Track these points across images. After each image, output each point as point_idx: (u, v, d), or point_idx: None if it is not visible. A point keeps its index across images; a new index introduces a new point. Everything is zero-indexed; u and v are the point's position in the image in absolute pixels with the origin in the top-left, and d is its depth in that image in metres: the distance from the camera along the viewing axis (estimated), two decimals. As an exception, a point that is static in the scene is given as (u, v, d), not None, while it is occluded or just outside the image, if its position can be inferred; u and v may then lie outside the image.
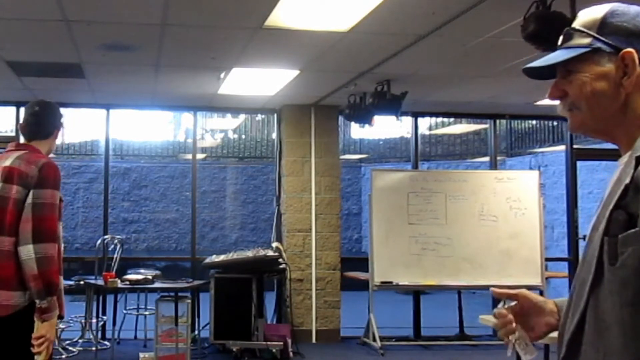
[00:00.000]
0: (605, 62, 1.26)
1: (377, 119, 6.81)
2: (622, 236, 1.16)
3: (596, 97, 1.27)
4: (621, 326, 1.14)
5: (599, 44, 1.27)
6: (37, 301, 2.74)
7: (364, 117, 6.80)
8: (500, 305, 1.49)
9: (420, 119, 8.53)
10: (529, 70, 1.39)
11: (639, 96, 1.26)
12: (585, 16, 1.32)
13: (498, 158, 8.77)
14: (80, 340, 6.96)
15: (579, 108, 1.31)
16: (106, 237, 7.51)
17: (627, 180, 1.19)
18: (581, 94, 1.29)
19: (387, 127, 15.69)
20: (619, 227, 1.17)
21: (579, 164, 8.41)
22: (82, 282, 7.01)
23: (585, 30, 1.30)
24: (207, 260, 6.91)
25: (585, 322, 1.22)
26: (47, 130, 3.08)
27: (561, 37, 1.36)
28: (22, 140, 3.08)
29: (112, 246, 7.43)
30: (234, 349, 6.54)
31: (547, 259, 7.75)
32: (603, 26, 1.28)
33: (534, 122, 12.12)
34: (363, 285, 7.49)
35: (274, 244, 7.38)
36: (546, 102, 7.15)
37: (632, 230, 1.15)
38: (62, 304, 2.92)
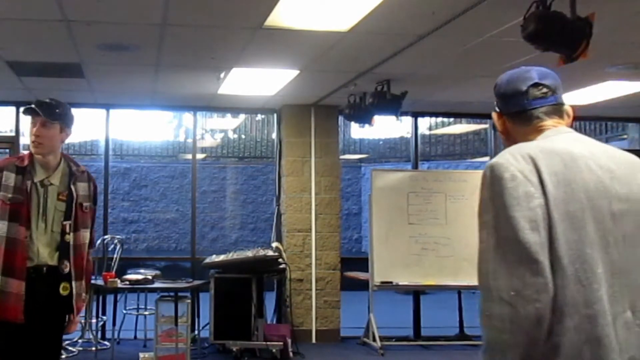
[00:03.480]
0: (496, 118, 1.88)
1: (377, 119, 6.81)
2: None
3: (501, 135, 1.87)
4: None
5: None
6: None
7: (364, 117, 6.79)
8: None
9: (420, 119, 8.52)
10: None
11: (519, 133, 1.79)
12: None
13: (498, 158, 8.75)
14: (80, 340, 6.96)
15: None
16: (106, 237, 7.50)
17: None
18: (500, 131, 1.89)
19: (387, 127, 15.71)
20: None
21: (579, 164, 8.40)
22: (82, 282, 7.00)
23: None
24: (207, 260, 6.91)
25: None
26: None
27: None
28: None
29: (112, 246, 7.42)
30: (234, 349, 6.54)
31: (547, 259, 7.74)
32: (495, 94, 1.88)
33: (534, 122, 12.11)
34: (363, 285, 7.48)
35: (274, 244, 7.38)
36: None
37: None
38: (8, 307, 3.00)
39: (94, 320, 6.95)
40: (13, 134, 7.80)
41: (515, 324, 1.45)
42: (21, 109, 3.38)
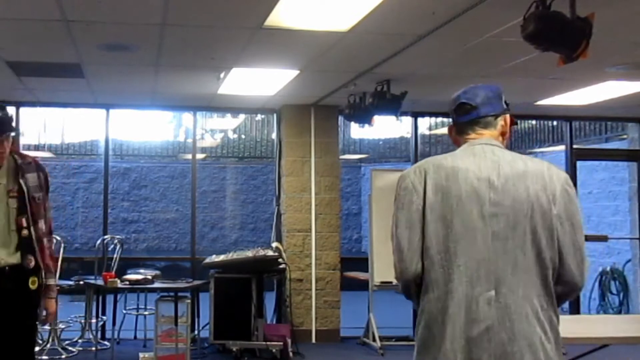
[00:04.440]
0: (449, 130, 2.36)
1: (377, 119, 6.80)
2: None
3: (454, 144, 2.31)
4: None
5: None
6: None
7: (364, 117, 6.79)
8: None
9: (420, 119, 8.52)
10: None
11: (460, 142, 2.26)
12: None
13: (498, 158, 8.73)
14: (80, 340, 6.96)
15: None
16: (106, 237, 7.50)
17: None
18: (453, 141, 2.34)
19: (387, 127, 15.69)
20: None
21: (578, 164, 8.40)
22: (81, 282, 7.00)
23: None
24: (207, 260, 6.91)
25: None
26: None
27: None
28: None
29: (112, 246, 7.42)
30: (234, 349, 6.54)
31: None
32: None
33: (533, 122, 12.10)
34: (363, 285, 7.48)
35: (274, 244, 7.37)
36: (546, 102, 7.16)
37: None
38: None
39: (94, 320, 6.95)
40: (13, 133, 7.78)
41: (399, 281, 2.21)
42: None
